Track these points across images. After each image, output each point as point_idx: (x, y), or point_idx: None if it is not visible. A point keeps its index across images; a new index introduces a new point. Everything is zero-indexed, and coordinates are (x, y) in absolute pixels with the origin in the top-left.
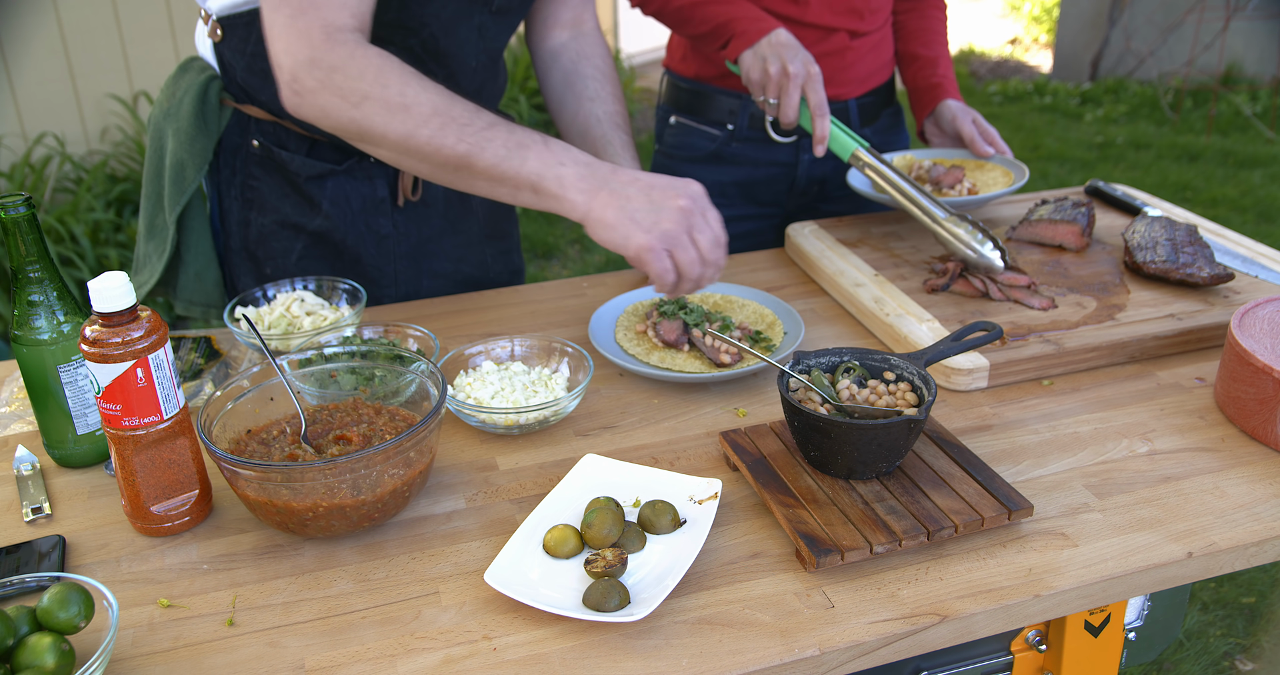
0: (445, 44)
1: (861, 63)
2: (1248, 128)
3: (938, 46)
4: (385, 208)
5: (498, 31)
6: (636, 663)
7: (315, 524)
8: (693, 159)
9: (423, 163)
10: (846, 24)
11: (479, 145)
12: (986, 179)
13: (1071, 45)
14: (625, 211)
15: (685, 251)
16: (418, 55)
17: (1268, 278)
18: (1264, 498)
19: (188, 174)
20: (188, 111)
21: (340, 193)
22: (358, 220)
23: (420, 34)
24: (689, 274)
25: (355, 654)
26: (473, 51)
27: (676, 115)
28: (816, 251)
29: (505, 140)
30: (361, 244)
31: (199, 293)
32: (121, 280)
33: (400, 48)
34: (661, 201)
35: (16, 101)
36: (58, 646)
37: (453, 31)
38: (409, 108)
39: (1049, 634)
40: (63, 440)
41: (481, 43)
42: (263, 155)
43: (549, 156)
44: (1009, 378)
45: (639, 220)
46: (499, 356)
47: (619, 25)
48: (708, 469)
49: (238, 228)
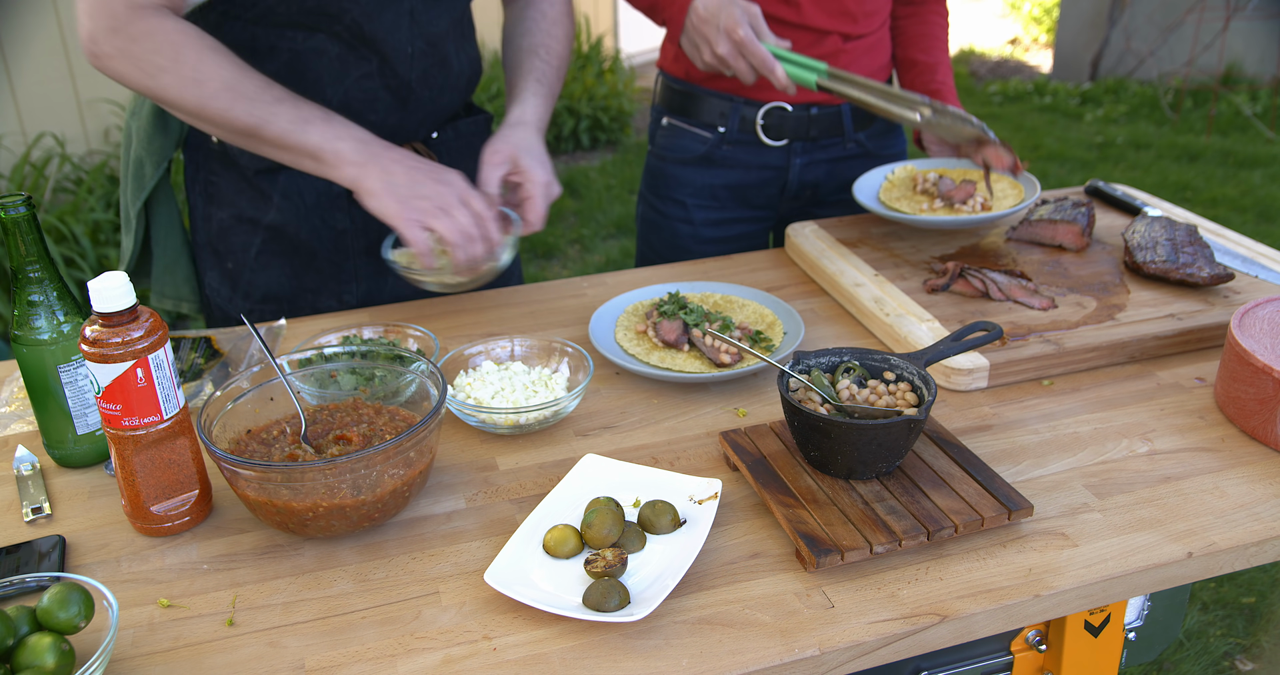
0: (371, 30)
1: (855, 65)
2: (1248, 128)
3: (937, 53)
4: (341, 203)
5: (431, 16)
6: (636, 663)
7: (315, 524)
8: (683, 161)
9: (217, 129)
10: (839, 27)
11: (265, 118)
12: (996, 191)
13: (1071, 45)
14: (388, 183)
15: (440, 220)
16: (346, 42)
17: (1268, 278)
18: (1264, 498)
19: (146, 171)
20: (148, 111)
21: (293, 186)
22: (312, 214)
23: (343, 20)
24: (454, 240)
25: (355, 654)
26: (405, 37)
27: (668, 116)
28: (816, 251)
29: (290, 115)
30: (317, 238)
31: (170, 286)
32: (121, 280)
33: (328, 34)
34: (421, 179)
35: (16, 101)
36: (58, 646)
37: (377, 17)
38: (201, 83)
39: (1049, 634)
40: (63, 440)
41: (414, 28)
42: (220, 150)
43: (328, 131)
44: (1009, 378)
45: (397, 191)
46: (499, 356)
47: (619, 25)
48: (708, 469)
49: (202, 223)
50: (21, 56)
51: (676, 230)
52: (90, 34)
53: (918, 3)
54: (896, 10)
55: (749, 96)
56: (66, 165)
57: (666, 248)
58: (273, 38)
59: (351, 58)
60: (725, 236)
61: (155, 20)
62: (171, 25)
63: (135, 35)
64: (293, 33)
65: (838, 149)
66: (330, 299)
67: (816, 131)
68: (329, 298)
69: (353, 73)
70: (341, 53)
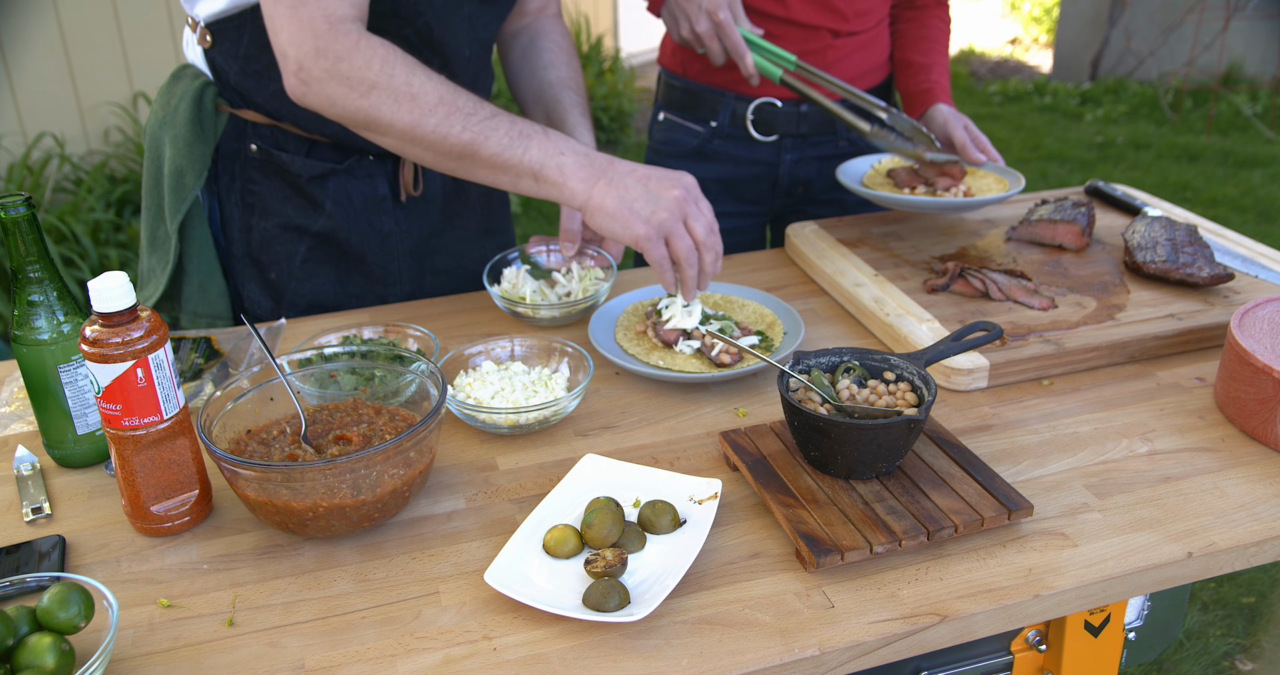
0: (439, 33)
1: (846, 62)
2: (1248, 128)
3: (933, 55)
4: (387, 205)
5: (487, 21)
6: (636, 663)
7: (315, 524)
8: (677, 154)
9: (427, 151)
10: (828, 23)
11: (483, 134)
12: (980, 186)
13: (1071, 45)
14: (624, 201)
15: (681, 239)
16: (413, 45)
17: (1268, 278)
18: (1264, 498)
19: (187, 181)
20: (184, 118)
21: (343, 192)
22: (360, 219)
23: (415, 23)
24: (686, 259)
25: (355, 654)
26: (465, 41)
27: (665, 111)
28: (816, 251)
29: (508, 130)
30: (365, 243)
31: (204, 304)
32: (121, 280)
33: (396, 37)
34: (658, 191)
35: (16, 102)
36: (58, 646)
37: (445, 21)
38: (415, 97)
39: (1049, 634)
40: (63, 440)
41: (472, 33)
42: (262, 159)
43: (550, 146)
44: (1009, 378)
45: (637, 210)
46: (499, 356)
47: (619, 25)
48: (708, 469)
49: (240, 234)
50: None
51: None
52: (298, 62)
53: (919, 6)
54: (897, 13)
55: (741, 92)
56: (66, 165)
57: None
58: None
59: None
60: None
61: (357, 34)
62: (376, 39)
63: (341, 52)
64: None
65: (829, 147)
66: (375, 303)
67: (807, 128)
68: (374, 301)
69: None
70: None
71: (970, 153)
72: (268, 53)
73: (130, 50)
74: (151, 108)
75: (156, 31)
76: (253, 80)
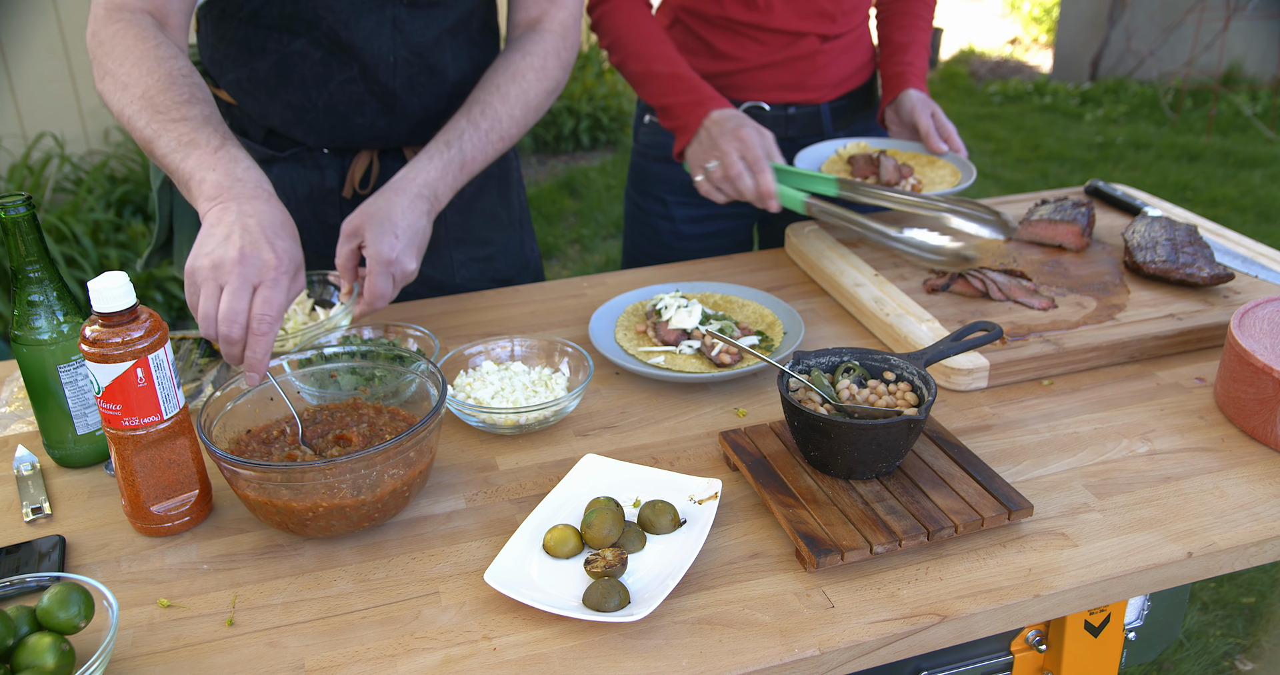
0: (348, 37)
1: (834, 66)
2: (1248, 128)
3: (913, 32)
4: (334, 198)
5: (417, 25)
6: (636, 663)
7: (315, 524)
8: (662, 158)
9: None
10: (816, 28)
11: (158, 133)
12: (935, 177)
13: (1071, 45)
14: (205, 233)
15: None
16: (326, 47)
17: (1268, 278)
18: (1264, 498)
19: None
20: None
21: (285, 180)
22: (303, 208)
23: (319, 26)
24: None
25: (355, 654)
26: (387, 46)
27: (649, 114)
28: (816, 251)
29: (181, 135)
30: (307, 232)
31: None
32: (121, 280)
33: (308, 39)
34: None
35: (16, 102)
36: (58, 646)
37: (354, 24)
38: (127, 87)
39: (1049, 634)
40: (63, 440)
41: (399, 37)
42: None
43: (207, 160)
44: (1009, 378)
45: (203, 247)
46: (499, 356)
47: None
48: (708, 469)
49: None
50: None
51: (657, 227)
52: (86, 39)
53: None
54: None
55: (728, 95)
56: (66, 165)
57: (649, 244)
58: (262, 38)
59: (333, 63)
60: (705, 233)
61: (123, 24)
62: (134, 31)
63: (103, 38)
64: (279, 35)
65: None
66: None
67: (795, 131)
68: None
69: (335, 77)
70: (323, 57)
71: (933, 142)
72: (225, 43)
73: None
74: None
75: None
76: (215, 67)
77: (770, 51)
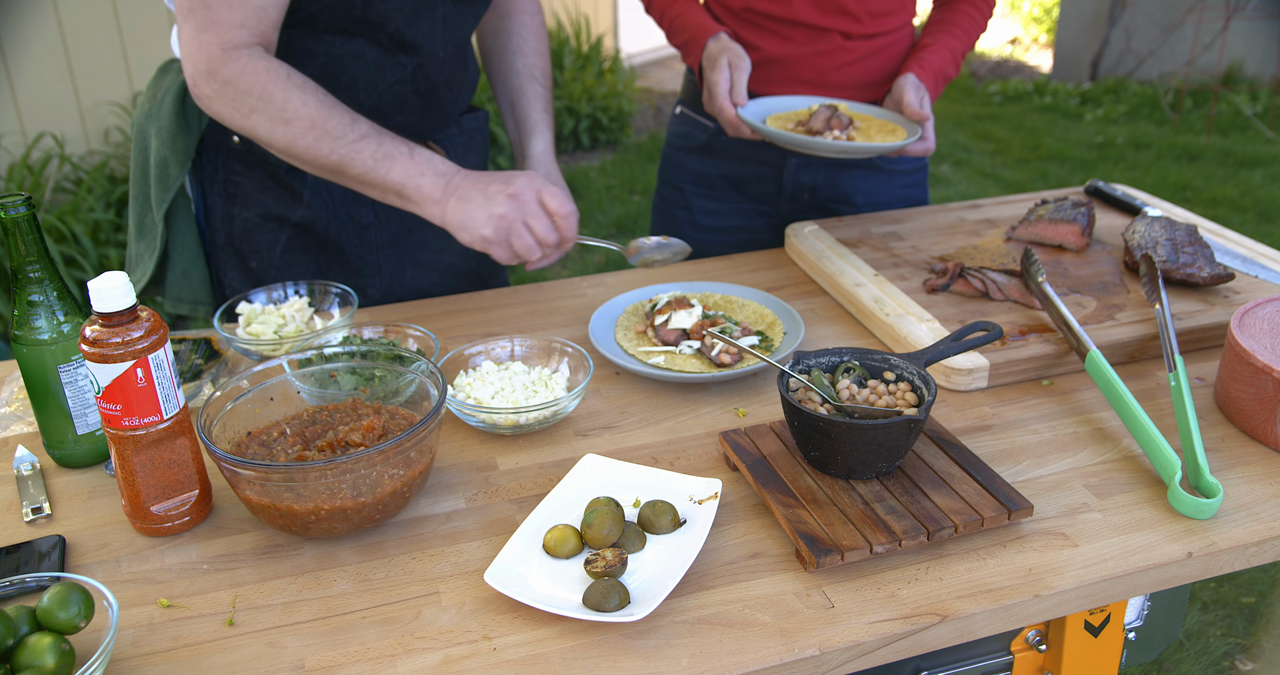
0: (411, 36)
1: (859, 66)
2: (1248, 128)
3: (943, 37)
4: (365, 198)
5: (461, 21)
6: (636, 663)
7: (317, 526)
8: (688, 149)
9: (306, 165)
10: (837, 25)
11: (349, 156)
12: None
13: (1071, 45)
14: (466, 212)
15: (519, 238)
16: (386, 47)
17: (1268, 278)
18: (1264, 498)
19: (171, 172)
20: (169, 111)
21: (321, 183)
22: (339, 210)
23: (386, 28)
24: (528, 257)
25: (355, 654)
26: (439, 42)
27: (682, 105)
28: (816, 251)
29: (374, 152)
30: (344, 234)
31: (186, 290)
32: (121, 280)
33: (367, 40)
34: (494, 195)
35: (16, 102)
36: (58, 646)
37: (416, 23)
38: (289, 121)
39: (1049, 634)
40: (63, 440)
41: (447, 33)
42: (244, 150)
43: (411, 167)
44: (1009, 378)
45: (477, 218)
46: (499, 356)
47: (619, 25)
48: (708, 469)
49: (222, 223)
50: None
51: (675, 216)
52: (192, 78)
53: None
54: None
55: (753, 92)
56: (66, 165)
57: (667, 234)
58: (310, 42)
59: (388, 62)
60: (722, 226)
61: (246, 61)
62: (262, 65)
63: (229, 77)
64: (331, 37)
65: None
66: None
67: None
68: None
69: (388, 77)
70: (379, 57)
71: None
72: None
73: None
74: (139, 102)
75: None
76: None
77: (792, 45)
